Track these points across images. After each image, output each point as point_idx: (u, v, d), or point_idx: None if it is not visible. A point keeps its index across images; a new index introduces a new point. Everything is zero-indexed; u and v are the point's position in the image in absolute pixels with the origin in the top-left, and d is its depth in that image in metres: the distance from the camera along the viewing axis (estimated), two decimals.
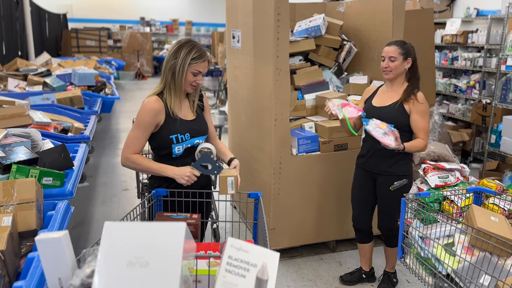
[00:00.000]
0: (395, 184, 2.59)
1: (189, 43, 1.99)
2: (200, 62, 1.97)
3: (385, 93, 2.57)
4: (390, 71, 2.45)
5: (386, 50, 2.44)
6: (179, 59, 1.95)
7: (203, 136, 2.14)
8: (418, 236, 2.18)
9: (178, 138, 2.02)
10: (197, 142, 2.09)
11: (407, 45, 2.44)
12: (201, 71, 2.00)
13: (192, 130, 2.06)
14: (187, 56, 1.95)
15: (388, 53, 2.42)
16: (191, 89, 2.04)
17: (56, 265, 1.05)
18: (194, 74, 1.99)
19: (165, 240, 0.98)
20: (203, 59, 1.98)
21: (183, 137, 2.03)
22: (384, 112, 2.49)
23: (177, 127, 2.01)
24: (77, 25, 14.50)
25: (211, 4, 16.41)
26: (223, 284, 0.99)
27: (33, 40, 8.52)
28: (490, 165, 4.90)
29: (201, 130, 2.11)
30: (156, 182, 2.11)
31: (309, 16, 3.58)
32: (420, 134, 2.51)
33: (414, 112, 2.48)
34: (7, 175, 2.01)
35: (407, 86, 2.51)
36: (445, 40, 6.01)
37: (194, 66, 1.97)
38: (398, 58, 2.41)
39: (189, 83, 2.00)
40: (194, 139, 2.08)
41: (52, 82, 4.94)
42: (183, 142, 2.04)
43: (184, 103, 2.10)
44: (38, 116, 3.26)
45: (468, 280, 1.83)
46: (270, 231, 3.10)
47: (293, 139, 3.00)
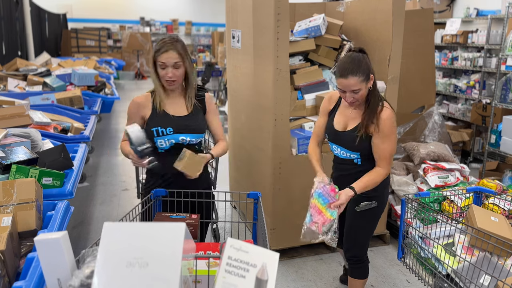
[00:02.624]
0: (361, 205, 2.21)
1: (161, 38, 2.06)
2: (161, 54, 1.98)
3: (347, 109, 2.19)
4: (357, 102, 2.07)
5: (344, 83, 1.96)
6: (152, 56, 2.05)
7: (193, 134, 2.12)
8: (418, 236, 2.18)
9: (158, 132, 2.05)
10: (182, 139, 2.09)
11: (362, 63, 1.97)
12: (164, 62, 1.99)
13: (177, 125, 2.07)
14: (153, 51, 2.02)
15: (348, 86, 1.97)
16: (167, 84, 2.05)
17: (55, 265, 1.05)
18: (162, 67, 2.01)
19: (165, 240, 0.98)
20: (163, 50, 1.98)
21: (164, 130, 2.05)
22: (345, 141, 2.15)
23: (159, 120, 2.06)
24: (77, 25, 14.50)
25: (211, 4, 16.41)
26: (223, 285, 0.99)
27: (33, 40, 8.52)
28: (490, 165, 4.90)
29: (189, 128, 2.10)
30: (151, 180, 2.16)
31: (309, 16, 3.58)
32: (380, 162, 2.10)
33: (375, 135, 2.07)
34: (7, 175, 2.01)
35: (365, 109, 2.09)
36: (445, 40, 6.01)
37: (158, 59, 2.00)
38: (361, 86, 1.99)
39: (162, 77, 2.04)
40: (178, 134, 2.08)
41: (52, 82, 4.94)
42: (165, 136, 2.06)
43: (178, 100, 2.14)
44: (38, 116, 3.26)
45: (468, 280, 1.83)
46: (270, 231, 3.10)
47: (293, 139, 3.00)
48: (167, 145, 2.08)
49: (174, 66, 2.00)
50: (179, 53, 2.00)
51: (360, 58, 1.97)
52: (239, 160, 3.81)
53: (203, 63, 10.67)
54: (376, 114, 2.05)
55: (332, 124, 2.21)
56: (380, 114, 2.06)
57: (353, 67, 1.94)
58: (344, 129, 2.17)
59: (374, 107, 2.06)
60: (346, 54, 2.05)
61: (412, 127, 4.35)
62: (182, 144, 2.09)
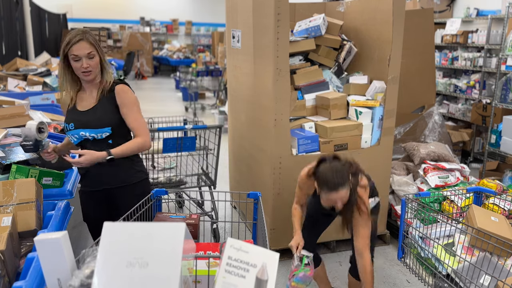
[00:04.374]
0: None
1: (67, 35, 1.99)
2: (72, 46, 1.93)
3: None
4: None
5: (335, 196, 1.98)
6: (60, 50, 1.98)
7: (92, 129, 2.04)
8: (418, 236, 2.18)
9: (66, 127, 2.08)
10: (82, 134, 2.04)
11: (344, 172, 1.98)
12: (77, 54, 1.94)
13: (77, 121, 2.05)
14: (63, 46, 1.95)
15: (340, 198, 2.00)
16: (84, 76, 2.00)
17: (55, 265, 1.05)
18: (75, 60, 1.95)
19: (165, 240, 0.98)
20: (72, 42, 1.93)
21: (67, 126, 2.07)
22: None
23: (67, 116, 2.09)
24: (77, 25, 14.48)
25: (211, 4, 16.40)
26: (223, 285, 0.99)
27: (33, 40, 8.51)
28: (490, 165, 4.90)
29: (88, 123, 2.03)
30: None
31: (309, 16, 3.58)
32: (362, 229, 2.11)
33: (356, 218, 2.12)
34: (7, 175, 2.01)
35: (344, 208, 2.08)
36: (445, 40, 6.00)
37: (69, 52, 1.94)
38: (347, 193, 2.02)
39: (78, 70, 1.98)
40: (79, 130, 2.05)
41: (52, 82, 4.94)
42: (69, 131, 2.08)
43: (90, 94, 2.09)
44: (38, 116, 3.26)
45: (468, 280, 1.83)
46: (270, 231, 3.10)
47: (293, 139, 3.00)
48: (75, 140, 2.09)
49: (88, 57, 1.95)
50: (91, 43, 1.97)
51: (341, 168, 2.00)
52: (239, 160, 3.81)
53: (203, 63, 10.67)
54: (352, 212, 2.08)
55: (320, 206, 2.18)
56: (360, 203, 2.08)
57: (339, 180, 1.96)
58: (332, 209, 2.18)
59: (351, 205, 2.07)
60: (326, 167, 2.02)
61: (412, 127, 4.35)
62: (88, 139, 2.06)
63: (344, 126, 3.04)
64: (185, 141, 3.23)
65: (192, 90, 9.14)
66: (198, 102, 9.63)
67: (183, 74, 10.18)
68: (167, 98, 10.80)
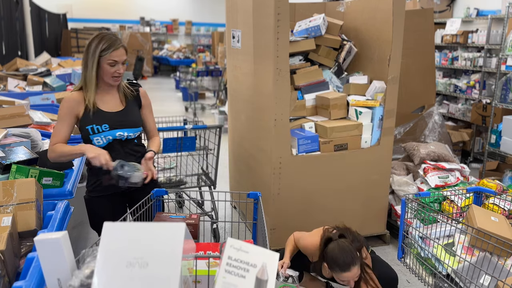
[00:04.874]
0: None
1: (98, 35, 2.02)
2: (112, 51, 1.99)
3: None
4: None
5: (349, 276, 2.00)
6: (90, 52, 2.00)
7: (130, 129, 2.13)
8: (418, 236, 2.18)
9: (94, 129, 2.06)
10: (119, 134, 2.10)
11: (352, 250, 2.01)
12: (117, 60, 2.01)
13: (112, 121, 2.08)
14: (97, 48, 1.99)
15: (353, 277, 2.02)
16: (114, 81, 2.06)
17: (55, 265, 1.05)
18: (111, 65, 2.01)
19: (165, 240, 0.98)
20: (114, 48, 1.99)
21: (99, 127, 2.06)
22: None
23: (93, 118, 2.06)
24: (77, 25, 14.49)
25: (211, 4, 16.40)
26: (223, 285, 0.99)
27: (33, 40, 8.51)
28: (490, 165, 4.90)
29: (125, 123, 2.11)
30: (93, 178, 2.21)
31: (309, 16, 3.58)
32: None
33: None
34: (7, 175, 2.01)
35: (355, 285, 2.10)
36: (445, 40, 6.00)
37: (107, 56, 1.99)
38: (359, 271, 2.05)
39: (110, 74, 2.03)
40: (115, 130, 2.09)
41: (52, 82, 4.94)
42: (100, 133, 2.07)
43: (112, 96, 2.13)
44: (38, 116, 3.25)
45: (468, 280, 1.83)
46: (269, 231, 3.10)
47: (293, 139, 3.00)
48: (104, 142, 2.09)
49: (123, 63, 2.05)
50: (126, 50, 2.06)
51: (348, 246, 2.02)
52: (239, 160, 3.81)
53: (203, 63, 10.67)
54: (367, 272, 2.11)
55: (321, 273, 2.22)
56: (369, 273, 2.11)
57: (350, 259, 1.98)
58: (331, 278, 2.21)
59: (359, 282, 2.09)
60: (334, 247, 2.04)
61: (412, 127, 4.35)
62: (120, 139, 2.11)
63: (344, 126, 3.04)
64: (185, 141, 3.23)
65: (192, 90, 9.15)
66: (198, 102, 9.64)
67: (183, 74, 10.18)
68: (167, 98, 10.80)
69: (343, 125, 3.04)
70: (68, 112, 2.05)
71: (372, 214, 3.31)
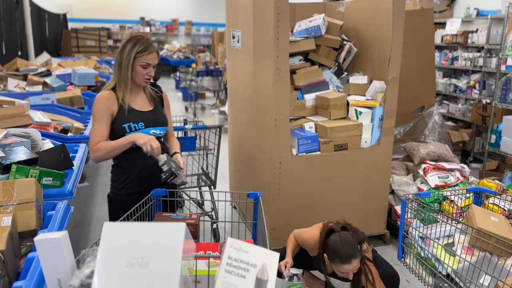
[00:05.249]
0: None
1: (134, 38, 2.09)
2: (146, 54, 2.07)
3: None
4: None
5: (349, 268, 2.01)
6: (125, 54, 2.06)
7: (160, 127, 2.24)
8: (418, 236, 2.18)
9: (130, 127, 2.11)
10: (153, 132, 2.18)
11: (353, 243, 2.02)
12: (149, 63, 2.09)
13: (146, 120, 2.16)
14: (133, 50, 2.05)
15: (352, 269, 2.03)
16: (144, 82, 2.15)
17: (55, 265, 1.05)
18: (144, 67, 2.09)
19: (165, 240, 0.98)
20: (149, 51, 2.07)
21: (136, 125, 2.12)
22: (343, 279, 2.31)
23: (129, 116, 2.11)
24: (77, 25, 14.48)
25: (211, 4, 16.40)
26: (223, 285, 0.99)
27: (33, 40, 8.51)
28: (490, 165, 4.90)
29: (157, 121, 2.21)
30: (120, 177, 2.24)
31: (309, 16, 3.58)
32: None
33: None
34: (7, 175, 2.01)
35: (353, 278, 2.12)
36: (445, 40, 6.00)
37: (141, 59, 2.06)
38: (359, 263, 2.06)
39: (141, 76, 2.11)
40: (149, 128, 2.17)
41: (52, 82, 4.94)
42: (137, 131, 2.13)
43: (141, 96, 2.22)
44: (38, 116, 3.25)
45: (468, 280, 1.83)
46: (269, 231, 3.10)
47: (293, 139, 3.00)
48: None
49: (154, 66, 2.13)
50: (158, 53, 2.14)
51: (350, 238, 2.03)
52: (239, 160, 3.81)
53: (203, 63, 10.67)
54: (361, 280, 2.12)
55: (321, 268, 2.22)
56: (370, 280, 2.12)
57: (351, 252, 2.00)
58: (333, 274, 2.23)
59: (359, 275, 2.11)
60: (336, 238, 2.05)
61: (412, 127, 4.35)
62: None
63: (344, 126, 3.04)
64: (185, 141, 3.23)
65: (192, 90, 9.15)
66: (198, 102, 9.63)
67: (183, 74, 10.18)
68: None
69: (343, 125, 3.04)
70: (105, 111, 2.09)
71: (372, 214, 3.31)
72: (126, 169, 2.21)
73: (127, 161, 2.19)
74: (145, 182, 2.20)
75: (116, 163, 2.25)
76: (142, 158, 2.14)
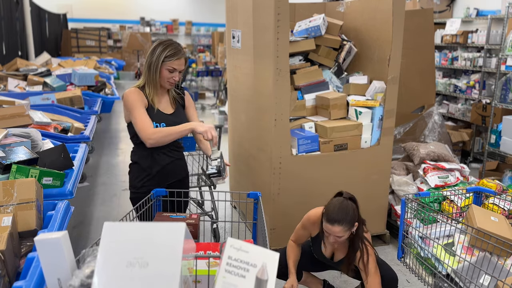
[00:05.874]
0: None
1: (166, 41, 2.14)
2: (174, 60, 2.12)
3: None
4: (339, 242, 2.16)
5: (330, 229, 2.04)
6: (154, 56, 2.12)
7: None
8: (418, 236, 2.18)
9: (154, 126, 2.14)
10: None
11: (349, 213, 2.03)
12: (176, 68, 2.14)
13: (168, 121, 2.20)
14: (162, 54, 2.10)
15: (333, 233, 2.05)
16: (168, 85, 2.20)
17: (55, 265, 1.05)
18: (170, 71, 2.14)
19: (165, 240, 0.98)
20: (177, 57, 2.12)
21: (158, 125, 2.17)
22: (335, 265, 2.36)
23: (154, 116, 2.16)
24: (77, 25, 14.48)
25: (211, 4, 16.40)
26: (223, 285, 0.99)
27: (33, 40, 8.51)
28: (490, 165, 4.90)
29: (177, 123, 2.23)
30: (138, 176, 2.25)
31: (309, 16, 3.58)
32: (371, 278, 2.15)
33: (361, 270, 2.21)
34: (7, 175, 2.01)
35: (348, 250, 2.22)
36: (445, 40, 6.00)
37: (168, 63, 2.11)
38: (344, 234, 2.07)
39: (166, 79, 2.16)
40: None
41: (52, 82, 4.94)
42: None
43: (164, 98, 2.27)
44: (38, 116, 3.26)
45: (468, 280, 1.83)
46: (270, 231, 3.10)
47: (293, 139, 3.00)
48: None
49: (180, 71, 2.17)
50: (186, 59, 2.18)
51: (348, 207, 2.04)
52: (239, 160, 3.81)
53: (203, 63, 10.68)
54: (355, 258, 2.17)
55: (320, 249, 2.33)
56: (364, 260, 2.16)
57: (340, 217, 2.02)
58: (331, 257, 2.34)
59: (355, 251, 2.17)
60: (337, 199, 2.09)
61: (412, 127, 4.35)
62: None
63: (344, 126, 3.04)
64: (185, 141, 3.22)
65: (192, 90, 9.15)
66: (198, 102, 9.63)
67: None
68: None
69: (343, 125, 3.04)
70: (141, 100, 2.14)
71: (372, 214, 3.31)
72: (145, 167, 2.24)
73: (148, 159, 2.23)
74: (165, 180, 2.26)
75: (135, 161, 2.28)
76: (161, 157, 2.22)
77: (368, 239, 2.22)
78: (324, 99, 3.14)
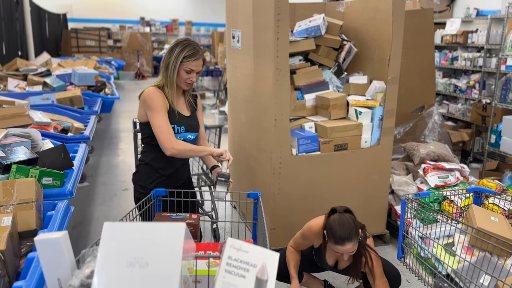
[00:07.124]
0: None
1: (184, 41, 2.09)
2: (192, 61, 2.07)
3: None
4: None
5: (342, 250, 2.02)
6: (173, 56, 2.06)
7: (195, 133, 2.27)
8: (418, 236, 2.18)
9: (175, 129, 2.12)
10: (189, 137, 2.21)
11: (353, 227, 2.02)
12: (193, 69, 2.09)
13: (187, 125, 2.18)
14: (180, 54, 2.05)
15: (346, 251, 2.04)
16: (185, 86, 2.15)
17: (55, 265, 1.05)
18: (187, 72, 2.09)
19: (165, 240, 0.98)
20: (195, 58, 2.07)
21: (179, 129, 2.14)
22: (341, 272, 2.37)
23: (176, 118, 2.12)
24: (77, 25, 14.49)
25: (211, 4, 16.40)
26: (223, 285, 0.99)
27: (33, 40, 8.52)
28: (490, 165, 4.90)
29: (194, 127, 2.24)
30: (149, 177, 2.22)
31: (309, 16, 3.58)
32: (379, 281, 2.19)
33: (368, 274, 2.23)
34: (7, 175, 2.01)
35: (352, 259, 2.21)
36: (445, 40, 6.00)
37: (186, 64, 2.06)
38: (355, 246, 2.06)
39: (183, 80, 2.11)
40: (187, 133, 2.20)
41: (52, 82, 4.94)
42: (178, 133, 2.14)
43: (180, 99, 2.22)
44: (38, 116, 3.26)
45: (468, 280, 1.83)
46: (269, 231, 3.10)
47: (293, 139, 3.00)
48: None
49: (197, 72, 2.12)
50: (204, 61, 2.13)
51: (349, 221, 2.04)
52: (239, 160, 3.81)
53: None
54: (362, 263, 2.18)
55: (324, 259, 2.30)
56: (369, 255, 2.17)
57: (347, 235, 2.00)
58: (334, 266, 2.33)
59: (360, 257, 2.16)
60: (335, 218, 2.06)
61: (412, 127, 4.35)
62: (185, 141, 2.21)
63: (344, 126, 3.04)
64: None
65: None
66: None
67: None
68: None
69: (343, 125, 3.04)
70: (165, 105, 2.08)
71: (372, 214, 3.31)
72: (158, 168, 2.20)
73: (162, 161, 2.19)
74: (176, 182, 2.26)
75: (146, 162, 2.22)
76: (174, 159, 2.20)
77: (371, 244, 2.22)
78: (324, 99, 3.14)
